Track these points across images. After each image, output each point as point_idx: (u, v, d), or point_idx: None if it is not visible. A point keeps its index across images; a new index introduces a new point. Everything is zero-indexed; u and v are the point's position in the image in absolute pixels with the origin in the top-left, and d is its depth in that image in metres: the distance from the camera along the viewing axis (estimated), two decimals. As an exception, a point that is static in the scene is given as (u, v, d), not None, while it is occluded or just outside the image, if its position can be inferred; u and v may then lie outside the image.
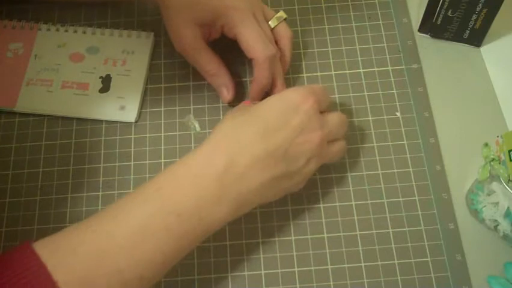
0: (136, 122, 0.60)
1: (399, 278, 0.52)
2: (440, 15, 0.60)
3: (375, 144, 0.58)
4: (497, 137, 0.50)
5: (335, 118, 0.52)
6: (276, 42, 0.58)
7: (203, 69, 0.58)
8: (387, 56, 0.63)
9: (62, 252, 0.42)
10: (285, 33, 0.58)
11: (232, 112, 0.51)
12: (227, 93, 0.58)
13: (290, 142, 0.48)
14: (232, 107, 0.60)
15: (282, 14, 0.59)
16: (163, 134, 0.59)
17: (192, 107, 0.61)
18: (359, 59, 0.63)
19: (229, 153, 0.46)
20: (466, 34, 0.61)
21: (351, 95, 0.61)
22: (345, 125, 0.53)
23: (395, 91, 0.61)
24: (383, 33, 0.64)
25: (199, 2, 0.55)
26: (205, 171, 0.45)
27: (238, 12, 0.55)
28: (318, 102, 0.50)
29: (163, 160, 0.58)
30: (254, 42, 0.55)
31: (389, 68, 0.62)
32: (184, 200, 0.45)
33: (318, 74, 0.62)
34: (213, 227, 0.46)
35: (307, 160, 0.49)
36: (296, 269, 0.53)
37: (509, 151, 0.48)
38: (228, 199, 0.46)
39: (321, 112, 0.51)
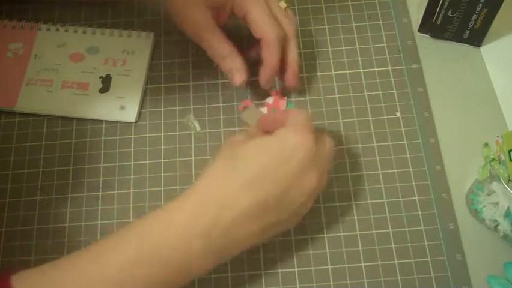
0: (136, 122, 0.60)
1: (399, 278, 0.52)
2: (440, 15, 0.60)
3: (375, 144, 0.58)
4: (497, 137, 0.50)
5: (325, 139, 0.49)
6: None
7: (215, 51, 0.55)
8: (387, 56, 0.63)
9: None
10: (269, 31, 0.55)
11: (224, 151, 0.47)
12: (239, 77, 0.55)
13: (284, 189, 0.45)
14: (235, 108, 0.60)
15: (282, 4, 0.58)
16: (163, 134, 0.59)
17: (191, 107, 0.61)
18: (359, 59, 0.62)
19: (216, 207, 0.44)
20: (466, 34, 0.61)
21: (351, 95, 0.61)
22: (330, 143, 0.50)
23: (395, 91, 0.61)
24: (383, 33, 0.64)
25: None
26: (193, 228, 0.43)
27: None
28: (314, 138, 0.47)
29: (163, 160, 0.58)
30: (262, 23, 0.54)
31: (389, 68, 0.62)
32: (169, 253, 0.43)
33: (318, 74, 0.62)
34: (196, 276, 0.45)
35: (300, 205, 0.47)
36: (296, 269, 0.53)
37: (509, 151, 0.48)
38: (214, 252, 0.44)
39: None
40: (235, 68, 0.55)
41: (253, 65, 0.58)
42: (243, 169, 0.45)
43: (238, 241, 0.45)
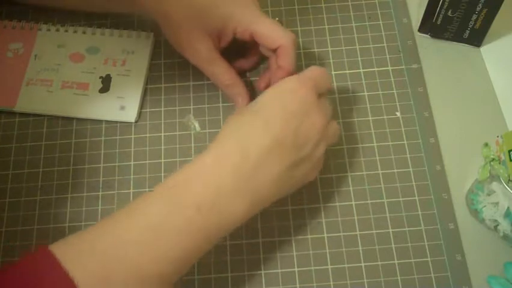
0: (136, 122, 0.60)
1: (399, 278, 0.52)
2: (440, 15, 0.60)
3: (375, 144, 0.58)
4: (497, 137, 0.50)
5: (325, 102, 0.52)
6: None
7: (219, 80, 0.58)
8: (387, 56, 0.63)
9: (76, 253, 0.42)
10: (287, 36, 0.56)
11: (232, 115, 0.50)
12: (242, 102, 0.58)
13: (295, 129, 0.47)
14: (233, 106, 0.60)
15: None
16: (163, 134, 0.59)
17: (191, 107, 0.61)
18: (359, 59, 0.63)
19: (240, 146, 0.46)
20: (466, 34, 0.61)
21: (351, 95, 0.61)
22: (331, 108, 0.53)
23: (395, 91, 0.61)
24: (383, 33, 0.64)
25: (205, 9, 0.54)
26: (221, 164, 0.45)
27: (248, 10, 0.54)
28: (315, 87, 0.50)
29: (163, 160, 0.58)
30: (274, 31, 0.54)
31: (389, 68, 0.62)
32: (202, 192, 0.44)
33: (318, 74, 0.62)
34: (231, 222, 0.46)
35: (315, 144, 0.49)
36: (296, 269, 0.53)
37: (509, 151, 0.48)
38: (246, 191, 0.45)
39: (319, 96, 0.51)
40: (237, 93, 0.58)
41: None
42: (255, 118, 0.48)
43: (267, 182, 0.46)
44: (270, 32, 0.54)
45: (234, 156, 0.46)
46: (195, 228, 0.44)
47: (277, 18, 0.58)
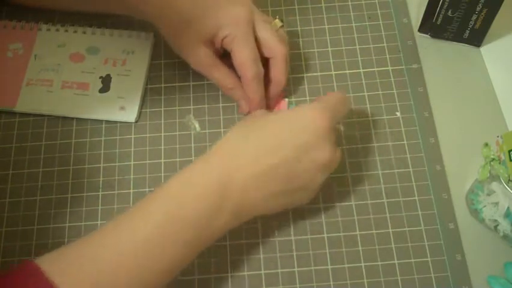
0: (136, 122, 0.60)
1: (399, 278, 0.52)
2: (440, 15, 0.60)
3: (375, 144, 0.58)
4: (497, 137, 0.50)
5: (339, 129, 0.52)
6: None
7: (221, 84, 0.58)
8: (387, 56, 0.63)
9: (65, 265, 0.42)
10: (279, 50, 0.57)
11: (242, 121, 0.51)
12: (245, 105, 0.58)
13: (293, 161, 0.47)
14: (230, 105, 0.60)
15: (277, 21, 0.58)
16: (163, 134, 0.59)
17: (191, 107, 0.61)
18: (359, 59, 0.63)
19: (229, 169, 0.46)
20: (466, 34, 0.61)
21: (351, 95, 0.61)
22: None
23: (395, 91, 0.61)
24: (383, 33, 0.64)
25: (196, 19, 0.54)
26: (209, 183, 0.46)
27: (239, 28, 0.54)
28: (332, 118, 0.49)
29: (163, 160, 0.58)
30: (242, 62, 0.55)
31: (389, 68, 0.62)
32: (191, 209, 0.45)
33: (318, 74, 0.62)
34: (215, 235, 0.47)
35: (312, 177, 0.49)
36: (296, 269, 0.53)
37: (509, 151, 0.48)
38: (229, 209, 0.46)
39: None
40: (240, 96, 0.58)
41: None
42: (257, 138, 0.48)
43: (252, 204, 0.47)
44: (239, 59, 0.55)
45: (224, 177, 0.46)
46: (181, 242, 0.45)
47: (277, 17, 0.58)
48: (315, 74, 0.62)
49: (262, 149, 0.47)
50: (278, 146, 0.47)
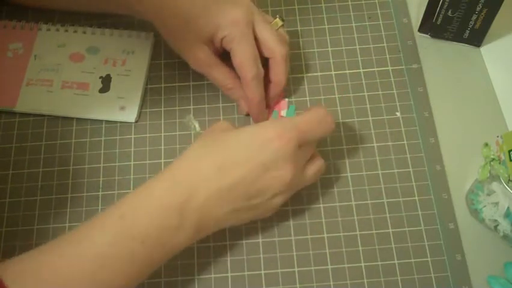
0: (136, 122, 0.60)
1: (399, 278, 0.52)
2: (440, 15, 0.60)
3: (375, 144, 0.58)
4: (497, 137, 0.50)
5: (310, 148, 0.50)
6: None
7: (220, 84, 0.58)
8: (387, 56, 0.63)
9: (26, 275, 0.43)
10: (279, 50, 0.56)
11: (201, 139, 0.50)
12: (245, 105, 0.58)
13: (251, 180, 0.47)
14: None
15: (277, 21, 0.58)
16: (163, 134, 0.59)
17: (191, 107, 0.61)
18: (359, 59, 0.63)
19: (188, 186, 0.46)
20: (466, 34, 0.61)
21: (351, 95, 0.61)
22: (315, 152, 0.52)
23: (395, 91, 0.61)
24: (383, 33, 0.64)
25: (194, 19, 0.54)
26: (167, 202, 0.46)
27: (238, 28, 0.54)
28: (294, 139, 0.48)
29: (163, 160, 0.58)
30: (242, 63, 0.55)
31: (389, 68, 0.62)
32: (146, 228, 0.45)
33: (318, 74, 0.62)
34: (172, 253, 0.47)
35: (272, 195, 0.49)
36: (296, 269, 0.53)
37: (509, 151, 0.48)
38: (188, 227, 0.46)
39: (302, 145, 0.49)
40: (240, 96, 0.58)
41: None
42: (215, 154, 0.48)
43: (213, 220, 0.48)
44: (238, 59, 0.55)
45: (181, 197, 0.46)
46: (139, 259, 0.45)
47: (278, 16, 0.58)
48: (315, 74, 0.62)
49: (218, 167, 0.47)
50: (237, 164, 0.47)
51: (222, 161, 0.47)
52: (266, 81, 0.58)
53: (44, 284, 0.42)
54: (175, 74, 0.62)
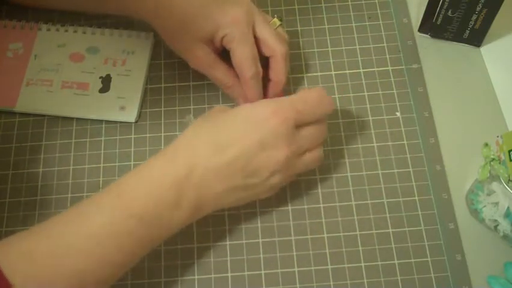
0: (136, 122, 0.60)
1: (399, 278, 0.52)
2: (440, 15, 0.60)
3: (375, 144, 0.58)
4: (497, 137, 0.50)
5: (311, 131, 0.50)
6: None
7: (219, 82, 0.58)
8: (387, 56, 0.63)
9: (16, 256, 0.42)
10: (278, 49, 0.56)
11: (200, 118, 0.51)
12: (244, 103, 0.57)
13: (247, 157, 0.47)
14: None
15: (275, 20, 0.58)
16: (163, 134, 0.59)
17: (191, 107, 0.61)
18: (359, 59, 0.63)
19: (186, 163, 0.47)
20: (466, 34, 0.61)
21: (351, 95, 0.61)
22: (322, 135, 0.52)
23: (395, 91, 0.61)
24: (383, 33, 0.64)
25: (194, 19, 0.54)
26: (165, 179, 0.46)
27: (239, 27, 0.54)
28: (291, 119, 0.48)
29: (163, 160, 0.58)
30: (241, 62, 0.55)
31: (389, 68, 0.62)
32: (145, 205, 0.45)
33: (318, 74, 0.62)
34: (172, 230, 0.47)
35: (269, 174, 0.49)
36: (296, 269, 0.53)
37: (509, 151, 0.48)
38: (186, 204, 0.46)
39: (300, 126, 0.49)
40: (239, 94, 0.58)
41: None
42: (213, 132, 0.48)
43: (211, 197, 0.48)
44: (238, 58, 0.55)
45: (178, 174, 0.46)
46: (137, 236, 0.45)
47: (276, 15, 0.58)
48: (315, 74, 0.62)
49: (215, 144, 0.47)
50: (234, 140, 0.47)
51: (219, 139, 0.48)
52: (266, 80, 0.58)
53: (39, 266, 0.42)
54: (175, 74, 0.62)
